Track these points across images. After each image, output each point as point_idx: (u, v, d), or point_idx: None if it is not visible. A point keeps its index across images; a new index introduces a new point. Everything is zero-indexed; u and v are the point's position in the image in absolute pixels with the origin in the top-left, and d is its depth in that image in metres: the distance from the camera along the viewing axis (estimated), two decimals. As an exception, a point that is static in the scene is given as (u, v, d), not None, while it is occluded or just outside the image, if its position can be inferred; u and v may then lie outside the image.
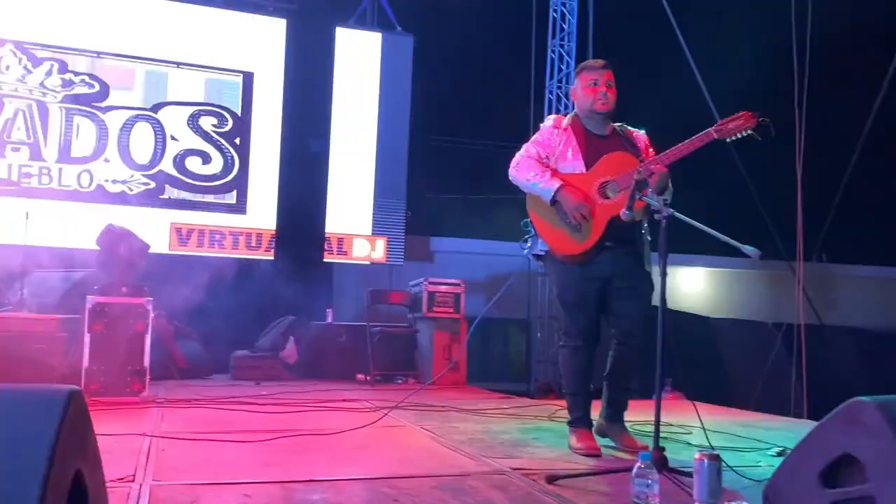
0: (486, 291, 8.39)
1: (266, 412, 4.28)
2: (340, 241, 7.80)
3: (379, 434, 3.65)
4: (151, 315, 4.64)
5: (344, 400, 4.92)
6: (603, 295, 3.17)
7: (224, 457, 3.03)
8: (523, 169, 3.22)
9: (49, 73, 6.99)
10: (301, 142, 7.83)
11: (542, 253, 3.28)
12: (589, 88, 3.23)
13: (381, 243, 7.89)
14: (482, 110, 8.80)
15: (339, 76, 7.86)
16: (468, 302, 6.51)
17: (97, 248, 5.18)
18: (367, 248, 7.85)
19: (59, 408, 1.44)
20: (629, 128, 3.35)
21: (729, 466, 2.43)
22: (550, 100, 7.72)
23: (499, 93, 8.33)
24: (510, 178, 3.33)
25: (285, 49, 7.66)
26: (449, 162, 9.21)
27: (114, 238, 4.95)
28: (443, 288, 6.40)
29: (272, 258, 7.53)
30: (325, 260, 7.77)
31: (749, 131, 2.83)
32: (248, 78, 7.57)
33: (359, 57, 7.95)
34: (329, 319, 6.78)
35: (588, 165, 3.17)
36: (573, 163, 3.19)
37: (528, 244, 3.36)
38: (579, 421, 3.23)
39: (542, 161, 3.22)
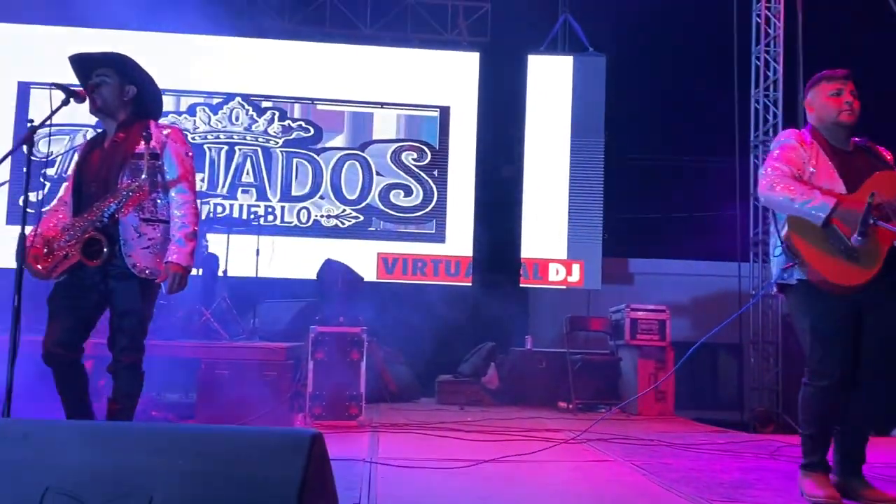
0: (691, 314, 7.99)
1: (474, 439, 4.38)
2: (536, 265, 7.83)
3: (587, 468, 3.60)
4: (366, 344, 4.94)
5: (547, 429, 4.91)
6: (857, 329, 2.85)
7: (440, 486, 3.13)
8: (784, 190, 2.86)
9: (271, 121, 7.74)
10: (495, 170, 8.00)
11: (794, 283, 2.94)
12: (832, 99, 2.98)
13: (577, 267, 7.81)
14: (680, 125, 8.45)
15: (531, 102, 7.96)
16: (671, 326, 6.23)
17: (317, 279, 5.61)
18: (563, 273, 7.80)
19: (305, 451, 1.56)
20: (870, 142, 3.05)
21: None
22: (757, 109, 7.22)
23: (698, 106, 7.95)
24: (762, 199, 3.05)
25: (479, 81, 7.88)
26: (647, 180, 8.92)
27: (332, 271, 5.34)
28: (646, 314, 6.18)
29: (470, 284, 7.72)
30: (521, 285, 7.83)
31: None
32: (444, 112, 7.88)
33: (550, 81, 7.99)
34: (529, 346, 6.81)
35: (846, 184, 2.87)
36: (828, 182, 2.89)
37: (786, 272, 2.98)
38: (817, 465, 2.93)
39: (799, 179, 2.90)
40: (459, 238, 7.80)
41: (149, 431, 1.55)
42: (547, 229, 7.86)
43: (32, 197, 7.55)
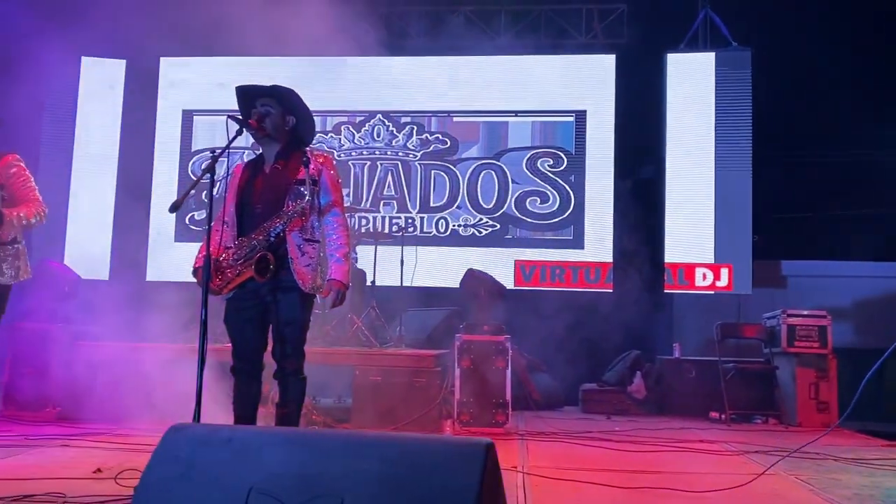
0: (854, 319, 7.45)
1: (623, 449, 4.31)
2: (681, 270, 7.57)
3: (747, 482, 3.45)
4: (510, 352, 4.99)
5: (701, 441, 4.75)
6: None
7: (593, 500, 3.11)
8: None
9: (410, 136, 8.00)
10: (635, 173, 7.84)
11: None
12: None
13: (725, 271, 7.48)
14: (834, 120, 7.91)
15: (671, 102, 7.73)
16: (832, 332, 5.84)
17: (459, 288, 5.72)
18: (711, 277, 7.50)
19: (481, 459, 1.62)
20: None
21: None
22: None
23: (855, 99, 7.42)
24: None
25: (615, 83, 7.76)
26: (799, 179, 8.41)
27: (474, 281, 5.44)
28: (804, 320, 5.83)
29: (611, 291, 7.59)
30: (665, 291, 7.61)
31: None
32: (580, 117, 7.82)
33: (691, 79, 7.73)
34: (676, 354, 6.61)
35: None
36: None
37: None
38: None
39: None
40: (599, 244, 7.70)
41: (340, 438, 1.66)
42: (692, 232, 7.59)
43: (199, 216, 8.14)
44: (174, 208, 2.95)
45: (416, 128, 8.00)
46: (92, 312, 5.75)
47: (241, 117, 3.38)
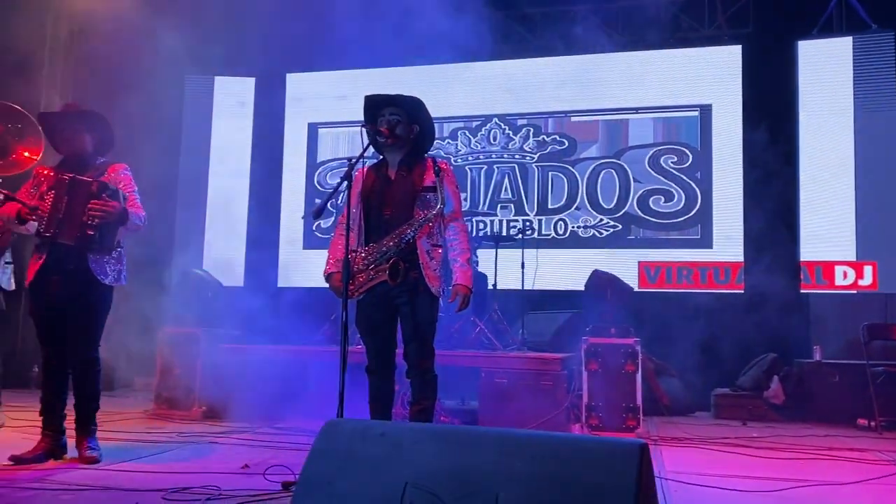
0: None
1: (765, 457, 4.11)
2: (819, 269, 7.13)
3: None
4: (640, 355, 4.87)
5: (850, 449, 4.45)
6: None
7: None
8: None
9: (526, 138, 7.98)
10: (765, 166, 7.44)
11: None
12: None
13: (869, 269, 6.98)
14: None
15: (804, 91, 7.31)
16: None
17: (584, 290, 5.64)
18: (853, 276, 7.02)
19: (636, 460, 1.59)
20: None
21: None
22: None
23: None
24: None
25: (742, 74, 7.43)
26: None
27: (600, 283, 5.35)
28: (966, 320, 5.36)
29: (742, 291, 7.25)
30: (801, 291, 7.18)
31: None
32: (705, 111, 7.54)
33: (825, 67, 7.28)
34: (817, 357, 6.22)
35: None
36: None
37: None
38: None
39: None
40: (728, 242, 7.38)
41: (492, 435, 1.68)
42: (830, 229, 7.13)
43: (324, 224, 8.44)
44: (316, 215, 3.08)
45: (532, 130, 7.97)
46: (231, 317, 6.09)
47: (371, 126, 3.49)
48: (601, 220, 7.69)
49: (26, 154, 4.07)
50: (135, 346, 5.82)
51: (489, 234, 7.67)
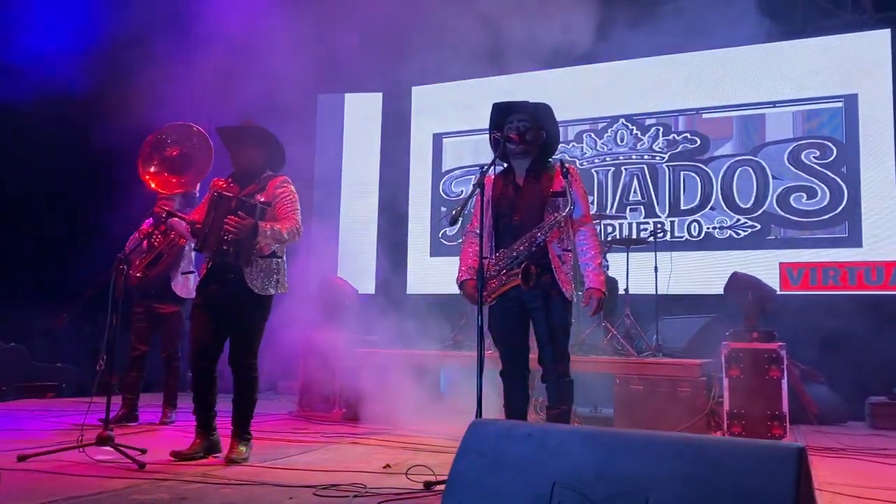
0: None
1: (933, 471, 3.79)
2: None
3: None
4: (785, 360, 4.63)
5: None
6: None
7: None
8: None
9: (655, 137, 7.78)
10: (922, 158, 6.88)
11: None
12: None
13: None
14: None
15: (966, 74, 6.71)
16: None
17: (723, 293, 5.43)
18: None
19: (794, 464, 1.54)
20: None
21: None
22: None
23: None
24: None
25: (892, 60, 6.90)
26: None
27: (741, 285, 5.13)
28: None
29: (897, 292, 6.72)
30: (969, 291, 6.57)
31: None
32: (850, 101, 7.06)
33: None
34: None
35: None
36: None
37: None
38: None
39: None
40: (880, 241, 6.87)
41: (640, 437, 1.67)
42: None
43: (450, 232, 8.58)
44: (452, 222, 3.16)
45: (661, 129, 7.76)
46: (366, 322, 6.32)
47: (500, 133, 3.53)
48: (738, 220, 7.37)
49: (198, 171, 4.39)
50: (277, 350, 6.16)
51: (618, 237, 7.53)
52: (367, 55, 8.15)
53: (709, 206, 7.48)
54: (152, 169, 4.29)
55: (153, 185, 4.25)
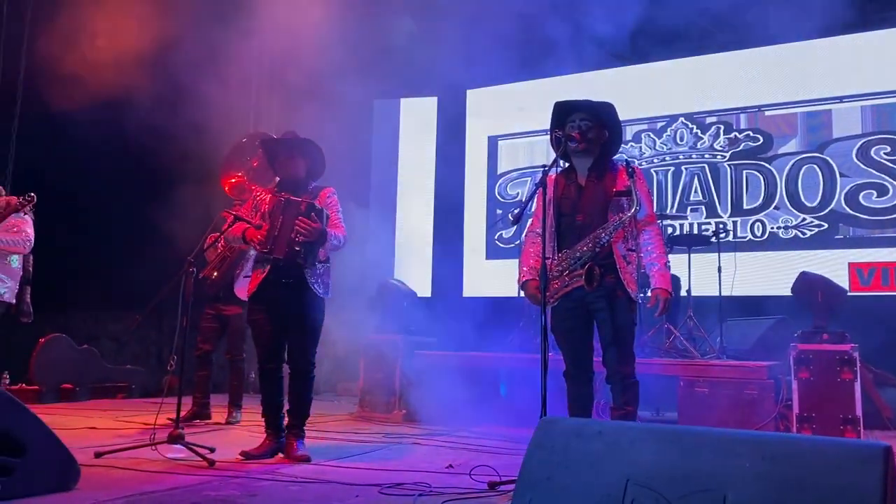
0: None
1: None
2: None
3: None
4: (859, 362, 4.47)
5: None
6: None
7: None
8: None
9: (716, 136, 7.62)
10: None
11: None
12: None
13: None
14: None
15: None
16: None
17: (792, 294, 5.29)
18: None
19: (881, 464, 1.49)
20: None
21: None
22: None
23: None
24: None
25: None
26: None
27: (810, 285, 4.98)
28: None
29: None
30: None
31: None
32: (924, 94, 6.80)
33: None
34: None
35: None
36: None
37: None
38: None
39: None
40: (958, 238, 6.59)
41: (714, 435, 1.64)
42: None
43: (506, 234, 8.58)
44: (515, 221, 3.16)
45: (723, 127, 7.60)
46: (424, 325, 6.36)
47: (562, 132, 3.52)
48: (804, 219, 7.16)
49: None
50: (338, 352, 6.25)
51: (679, 237, 7.39)
52: (422, 60, 8.21)
53: (773, 206, 7.29)
54: (233, 180, 4.42)
55: (232, 188, 4.36)
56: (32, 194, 4.58)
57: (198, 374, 5.49)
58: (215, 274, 5.31)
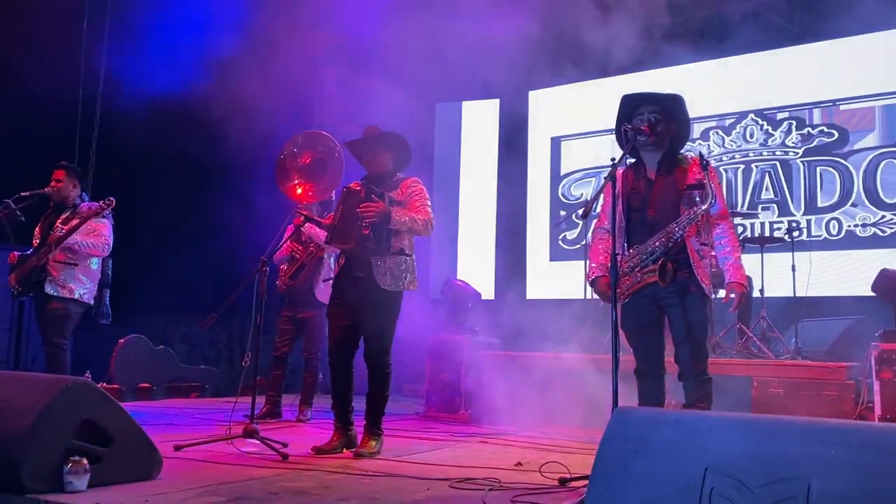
0: None
1: None
2: None
3: None
4: (947, 362, 4.27)
5: None
6: None
7: None
8: None
9: (788, 132, 7.39)
10: None
11: None
12: None
13: None
14: None
15: None
16: None
17: (872, 292, 5.10)
18: None
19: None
20: None
21: None
22: None
23: None
24: None
25: None
26: None
27: (891, 282, 4.79)
28: None
29: None
30: None
31: None
32: None
33: None
34: None
35: None
36: None
37: None
38: None
39: None
40: None
41: (799, 424, 1.60)
42: None
43: (570, 236, 8.49)
44: (584, 215, 3.13)
45: (795, 123, 7.37)
46: (489, 326, 6.37)
47: (630, 126, 3.47)
48: (883, 216, 6.88)
49: (333, 175, 4.58)
50: (407, 352, 6.30)
51: (750, 236, 7.20)
52: (484, 62, 8.23)
53: (849, 203, 7.03)
54: (292, 182, 4.52)
55: (298, 193, 4.46)
56: (112, 198, 4.80)
57: (273, 374, 5.63)
58: (286, 283, 5.46)
